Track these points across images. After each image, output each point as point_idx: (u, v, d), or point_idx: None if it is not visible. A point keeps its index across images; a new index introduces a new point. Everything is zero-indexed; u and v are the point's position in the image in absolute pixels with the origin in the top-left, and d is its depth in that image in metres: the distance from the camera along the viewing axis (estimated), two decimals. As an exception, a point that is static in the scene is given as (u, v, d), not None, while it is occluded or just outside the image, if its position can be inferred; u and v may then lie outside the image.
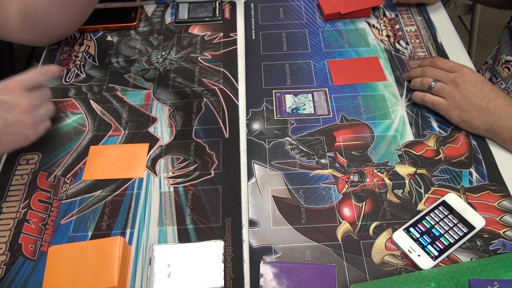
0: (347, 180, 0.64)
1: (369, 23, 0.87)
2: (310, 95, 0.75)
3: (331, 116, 0.72)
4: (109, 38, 0.86)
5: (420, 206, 0.61)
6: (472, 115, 0.65)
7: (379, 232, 0.59)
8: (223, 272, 0.55)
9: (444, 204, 0.60)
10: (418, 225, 0.58)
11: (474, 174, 0.64)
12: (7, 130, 0.54)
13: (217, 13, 0.88)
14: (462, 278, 0.52)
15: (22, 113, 0.54)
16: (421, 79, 0.71)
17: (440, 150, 0.67)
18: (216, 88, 0.76)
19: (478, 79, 0.66)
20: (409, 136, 0.69)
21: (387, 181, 0.64)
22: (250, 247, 0.58)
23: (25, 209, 0.62)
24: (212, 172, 0.65)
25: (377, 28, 0.86)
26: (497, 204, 0.61)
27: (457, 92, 0.66)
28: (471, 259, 0.56)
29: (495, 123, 0.64)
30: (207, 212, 0.61)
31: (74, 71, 0.80)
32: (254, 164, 0.66)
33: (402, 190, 0.63)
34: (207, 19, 0.88)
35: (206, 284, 0.54)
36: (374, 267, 0.56)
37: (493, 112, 0.64)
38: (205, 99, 0.75)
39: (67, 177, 0.66)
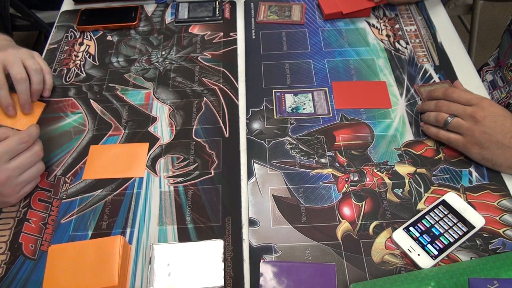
0: (347, 179, 0.64)
1: (369, 23, 0.87)
2: (310, 94, 0.75)
3: (331, 115, 0.72)
4: (109, 37, 0.86)
5: (420, 206, 0.61)
6: (494, 152, 0.61)
7: (379, 231, 0.59)
8: (223, 271, 0.55)
9: (444, 203, 0.60)
10: (418, 224, 0.58)
11: (474, 174, 0.64)
12: None
13: (217, 12, 0.88)
14: (461, 277, 0.52)
15: None
16: (435, 115, 0.65)
17: (440, 149, 0.67)
18: (216, 87, 0.76)
19: (498, 113, 0.61)
20: (409, 135, 0.69)
21: (387, 180, 0.64)
22: (250, 246, 0.58)
23: (25, 208, 0.62)
24: (212, 171, 0.66)
25: (377, 27, 0.86)
26: (497, 204, 0.61)
27: (476, 129, 0.61)
28: (471, 258, 0.56)
29: None
30: (207, 212, 0.61)
31: (74, 70, 0.80)
32: (254, 164, 0.66)
33: (402, 190, 0.63)
34: (207, 18, 0.88)
35: (206, 283, 0.54)
36: (374, 266, 0.56)
37: None
38: (205, 98, 0.75)
39: (67, 176, 0.66)
